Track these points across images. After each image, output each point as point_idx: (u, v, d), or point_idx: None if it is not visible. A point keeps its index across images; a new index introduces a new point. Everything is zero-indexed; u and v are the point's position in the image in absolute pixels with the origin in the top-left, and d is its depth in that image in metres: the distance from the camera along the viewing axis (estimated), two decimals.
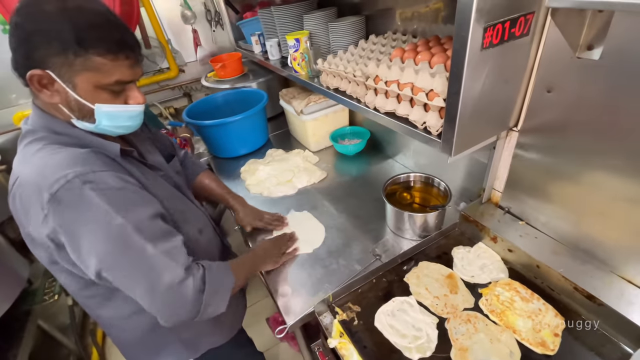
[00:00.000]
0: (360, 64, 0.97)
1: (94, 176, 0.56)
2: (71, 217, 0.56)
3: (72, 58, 0.56)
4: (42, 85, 0.58)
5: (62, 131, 0.63)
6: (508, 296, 0.78)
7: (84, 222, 0.56)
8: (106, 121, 0.64)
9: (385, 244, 0.98)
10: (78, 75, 0.58)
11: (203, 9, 2.07)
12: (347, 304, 0.84)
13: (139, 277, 0.60)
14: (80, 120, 0.63)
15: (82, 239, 0.57)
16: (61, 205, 0.54)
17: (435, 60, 0.76)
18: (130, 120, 0.68)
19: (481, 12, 0.55)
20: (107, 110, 0.62)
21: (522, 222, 0.89)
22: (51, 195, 0.54)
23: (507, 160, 0.87)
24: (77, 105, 0.60)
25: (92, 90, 0.60)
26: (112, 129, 0.66)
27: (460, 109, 0.64)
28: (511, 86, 0.73)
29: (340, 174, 1.37)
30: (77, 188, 0.55)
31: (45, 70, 0.56)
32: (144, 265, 0.60)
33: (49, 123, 0.62)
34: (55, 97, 0.60)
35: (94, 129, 0.65)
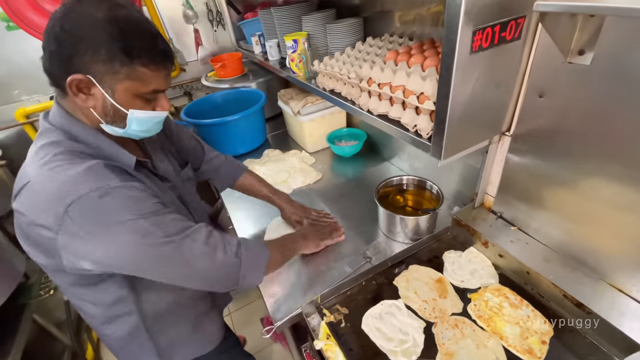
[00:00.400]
0: (355, 66, 0.97)
1: (111, 190, 0.56)
2: (82, 229, 0.55)
3: (117, 67, 0.57)
4: (80, 89, 0.58)
5: (82, 137, 0.63)
6: (497, 302, 0.78)
7: (97, 232, 0.56)
8: (135, 126, 0.65)
9: (377, 247, 0.98)
10: (119, 83, 0.59)
11: (205, 9, 2.09)
12: (335, 306, 0.84)
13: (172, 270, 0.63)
14: (109, 125, 0.64)
15: (104, 242, 0.57)
16: (73, 219, 0.54)
17: (428, 64, 0.76)
18: (156, 125, 0.70)
19: (469, 16, 0.54)
20: (138, 116, 0.64)
21: (514, 227, 0.89)
22: (65, 208, 0.54)
23: (500, 164, 0.86)
24: (112, 110, 0.61)
25: (130, 97, 0.61)
26: (138, 132, 0.67)
27: (450, 113, 0.64)
28: (503, 90, 0.72)
29: (336, 176, 1.37)
30: (92, 201, 0.55)
31: (87, 76, 0.57)
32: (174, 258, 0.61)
33: (70, 126, 0.63)
34: (89, 102, 0.60)
35: (122, 133, 0.66)
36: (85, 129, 0.64)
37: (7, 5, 1.56)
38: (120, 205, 0.57)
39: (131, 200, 0.59)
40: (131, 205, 0.58)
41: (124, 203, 0.58)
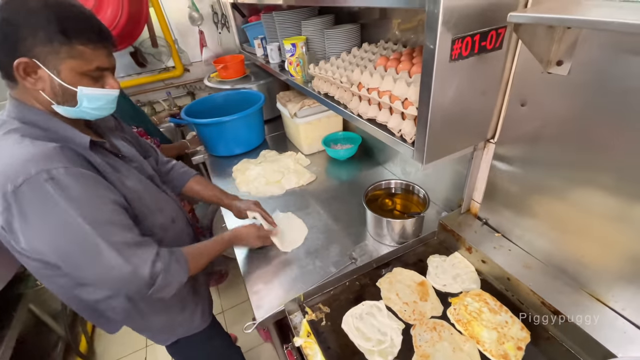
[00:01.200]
0: (347, 71, 1.00)
1: (57, 172, 0.59)
2: (30, 210, 0.59)
3: (57, 47, 0.61)
4: (27, 73, 0.62)
5: (37, 121, 0.66)
6: (477, 307, 0.79)
7: (41, 216, 0.59)
8: (86, 103, 0.68)
9: (363, 248, 0.99)
10: (62, 63, 0.63)
11: (210, 11, 2.13)
12: (318, 305, 0.85)
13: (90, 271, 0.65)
14: (61, 105, 0.67)
15: (40, 231, 0.60)
16: (24, 198, 0.58)
17: (415, 70, 0.78)
18: (108, 103, 0.72)
19: (448, 25, 0.56)
20: (87, 93, 0.67)
21: (499, 234, 0.90)
22: (15, 188, 0.57)
23: (485, 171, 0.88)
24: (61, 90, 0.65)
25: (75, 75, 0.65)
26: (91, 110, 0.70)
27: (431, 118, 0.66)
28: (486, 98, 0.74)
29: (330, 178, 1.38)
30: (39, 183, 0.58)
31: (32, 59, 0.61)
32: (97, 261, 0.64)
33: (24, 113, 0.66)
34: (38, 84, 0.64)
35: (73, 113, 0.69)
36: (38, 113, 0.67)
37: None
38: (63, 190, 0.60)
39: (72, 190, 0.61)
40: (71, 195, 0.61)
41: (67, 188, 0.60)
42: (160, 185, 0.89)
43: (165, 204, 0.86)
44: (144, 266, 0.67)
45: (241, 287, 2.08)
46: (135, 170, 0.81)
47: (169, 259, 0.72)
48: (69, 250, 0.63)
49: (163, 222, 0.83)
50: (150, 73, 2.17)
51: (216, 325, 1.08)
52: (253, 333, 1.76)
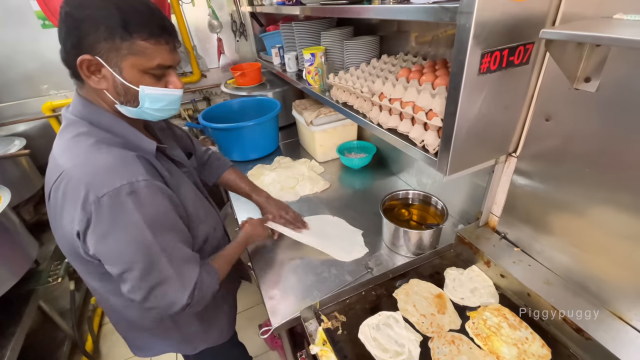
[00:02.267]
0: (368, 81, 1.01)
1: (138, 186, 0.60)
2: (108, 220, 0.59)
3: (118, 42, 0.59)
4: (91, 71, 0.61)
5: (106, 125, 0.66)
6: (496, 321, 0.77)
7: (117, 228, 0.60)
8: (148, 104, 0.66)
9: (379, 258, 0.99)
10: (124, 60, 0.61)
11: (229, 20, 2.18)
12: (334, 313, 0.84)
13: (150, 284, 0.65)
14: (124, 105, 0.66)
15: (112, 241, 0.61)
16: (103, 208, 0.58)
17: (438, 82, 0.79)
18: (170, 104, 0.70)
19: (478, 39, 0.57)
20: (149, 93, 0.65)
21: (518, 248, 0.89)
22: (97, 199, 0.58)
23: (505, 185, 0.87)
24: (123, 89, 0.64)
25: (137, 73, 0.63)
26: (153, 112, 0.69)
27: (456, 130, 0.66)
28: (510, 112, 0.74)
29: (343, 186, 1.39)
30: (121, 196, 0.59)
31: (94, 56, 0.60)
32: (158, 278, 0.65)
33: (92, 113, 0.66)
34: (102, 83, 0.63)
35: (135, 113, 0.68)
36: (107, 116, 0.67)
37: (45, 5, 1.66)
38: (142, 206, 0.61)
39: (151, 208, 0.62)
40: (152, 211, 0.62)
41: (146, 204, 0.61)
42: (203, 191, 0.88)
43: (208, 212, 0.85)
44: (190, 286, 0.68)
45: (247, 293, 2.07)
46: (185, 176, 0.80)
47: (201, 272, 0.72)
48: (134, 260, 0.63)
49: (207, 231, 0.83)
50: None
51: (235, 334, 1.07)
52: (259, 341, 1.75)
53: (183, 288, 0.67)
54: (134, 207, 0.60)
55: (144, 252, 0.63)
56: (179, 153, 0.84)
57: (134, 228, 0.61)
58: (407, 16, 0.68)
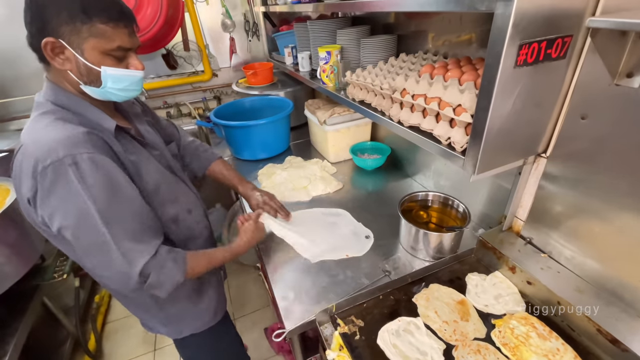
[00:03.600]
0: (388, 78, 0.98)
1: (80, 158, 0.62)
2: (52, 190, 0.62)
3: (79, 25, 0.63)
4: (55, 53, 0.65)
5: (68, 104, 0.69)
6: (524, 330, 0.73)
7: (60, 198, 0.62)
8: (111, 83, 0.69)
9: (396, 261, 0.95)
10: (85, 42, 0.64)
11: (242, 20, 2.18)
12: (350, 317, 0.80)
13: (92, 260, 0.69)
14: (87, 85, 0.69)
15: (53, 202, 0.63)
16: (46, 178, 0.61)
17: (465, 78, 0.75)
18: (132, 85, 0.73)
19: (517, 29, 0.54)
20: (111, 73, 0.69)
21: (545, 254, 0.85)
22: (43, 168, 0.60)
23: (533, 187, 0.84)
24: (86, 70, 0.67)
25: (98, 55, 0.66)
26: (117, 92, 0.71)
27: (488, 126, 0.63)
28: (543, 109, 0.71)
29: (356, 188, 1.35)
30: (63, 167, 0.60)
31: (58, 39, 0.63)
32: (100, 254, 0.67)
33: (57, 95, 0.69)
34: (66, 64, 0.66)
35: (100, 93, 0.70)
36: (69, 96, 0.70)
37: None
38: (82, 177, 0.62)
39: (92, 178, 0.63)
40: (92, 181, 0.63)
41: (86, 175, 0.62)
42: (180, 174, 0.90)
43: (181, 194, 0.87)
44: (137, 263, 0.68)
45: (252, 296, 2.03)
46: (154, 158, 0.81)
47: (165, 257, 0.72)
48: (78, 235, 0.65)
49: (176, 213, 0.83)
50: (180, 76, 2.21)
51: (227, 327, 1.07)
52: (264, 345, 1.71)
53: (128, 264, 0.67)
54: (76, 178, 0.61)
55: (87, 227, 0.64)
56: (151, 136, 0.86)
57: (73, 195, 0.62)
58: (444, 7, 0.65)
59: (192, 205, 0.90)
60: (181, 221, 0.85)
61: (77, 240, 0.66)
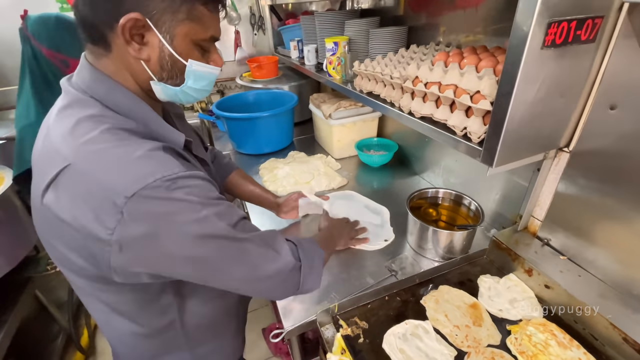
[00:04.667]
0: (398, 68, 0.93)
1: (177, 178, 0.46)
2: (158, 219, 0.45)
3: (177, 4, 0.49)
4: (132, 35, 0.48)
5: (124, 107, 0.52)
6: (542, 338, 0.67)
7: (171, 220, 0.46)
8: (192, 82, 0.56)
9: (403, 261, 0.90)
10: (179, 26, 0.50)
11: (248, 13, 2.14)
12: (354, 319, 0.75)
13: (234, 270, 0.53)
14: (163, 82, 0.55)
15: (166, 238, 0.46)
16: (138, 209, 0.44)
17: (483, 65, 0.70)
18: (209, 85, 0.60)
19: (547, 4, 0.49)
20: (196, 69, 0.55)
21: (564, 257, 0.79)
22: (126, 199, 0.43)
23: (553, 185, 0.78)
24: (170, 63, 0.53)
25: (188, 45, 0.53)
26: (192, 92, 0.59)
27: (510, 114, 0.58)
28: (568, 98, 0.65)
29: (360, 185, 1.30)
30: (162, 190, 0.45)
31: (144, 17, 0.47)
32: (241, 257, 0.53)
33: (109, 91, 0.52)
34: (143, 52, 0.51)
35: (172, 94, 0.57)
36: (128, 96, 0.53)
37: None
38: (188, 198, 0.47)
39: (198, 193, 0.49)
40: (197, 199, 0.48)
41: (191, 196, 0.47)
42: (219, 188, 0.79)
43: None
44: (282, 246, 0.59)
45: None
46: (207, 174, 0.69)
47: (290, 238, 0.65)
48: (206, 258, 0.50)
49: None
50: None
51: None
52: (261, 346, 1.65)
53: (276, 252, 0.58)
54: (180, 195, 0.46)
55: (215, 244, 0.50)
56: (200, 149, 0.71)
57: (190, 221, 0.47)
58: None
59: None
60: None
61: (203, 268, 0.50)
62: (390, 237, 0.98)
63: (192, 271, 0.51)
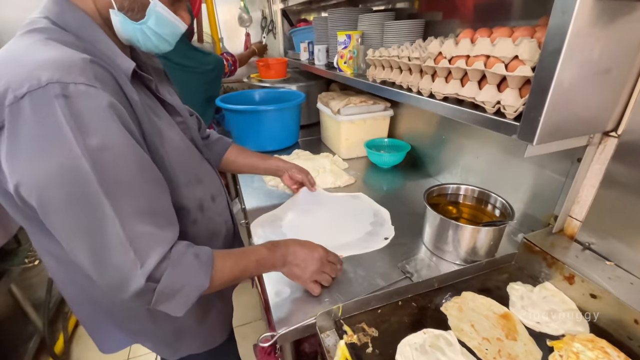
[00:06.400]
0: (417, 51, 0.86)
1: (74, 89, 0.43)
2: (25, 132, 0.42)
3: None
4: None
5: (75, 26, 0.51)
6: (592, 357, 0.55)
7: (37, 143, 0.42)
8: (153, 23, 0.55)
9: (419, 262, 0.78)
10: None
11: (260, 16, 2.14)
12: (361, 325, 0.63)
13: (79, 239, 0.45)
14: (122, 14, 0.53)
15: (24, 160, 0.43)
16: (20, 112, 0.41)
17: (518, 35, 0.62)
18: (171, 36, 0.60)
19: None
20: (160, 11, 0.55)
21: (610, 262, 0.67)
22: (15, 98, 0.41)
23: (596, 178, 0.68)
24: None
25: None
26: (152, 35, 0.57)
27: (557, 76, 0.49)
28: (621, 68, 0.56)
29: (369, 186, 1.19)
30: (46, 98, 0.41)
31: None
32: (88, 237, 0.45)
33: (64, 11, 0.51)
34: None
35: (130, 30, 0.55)
36: (81, 16, 0.52)
37: None
38: (74, 114, 0.43)
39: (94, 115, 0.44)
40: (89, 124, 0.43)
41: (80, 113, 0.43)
42: (204, 152, 0.73)
43: (206, 176, 0.70)
44: (148, 256, 0.46)
45: (244, 306, 1.83)
46: (178, 125, 0.65)
47: (184, 251, 0.51)
48: (56, 199, 0.44)
49: (201, 197, 0.67)
50: None
51: (231, 349, 0.86)
52: (249, 356, 1.49)
53: (134, 256, 0.45)
54: (64, 116, 0.42)
55: (73, 187, 0.43)
56: (175, 100, 0.69)
57: (57, 140, 0.42)
58: None
59: (216, 191, 0.72)
60: (205, 209, 0.67)
61: (54, 211, 0.44)
62: (390, 235, 0.88)
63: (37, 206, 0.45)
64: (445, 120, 1.14)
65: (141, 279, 0.46)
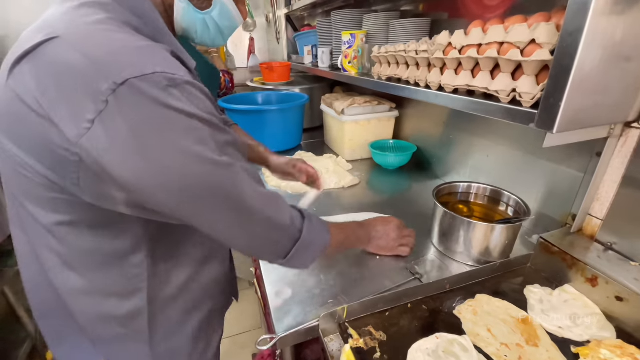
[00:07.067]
0: (424, 45, 0.83)
1: (181, 81, 0.38)
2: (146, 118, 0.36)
3: None
4: None
5: (140, 9, 0.45)
6: None
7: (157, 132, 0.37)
8: (217, 14, 0.55)
9: (429, 263, 0.74)
10: None
11: (264, 21, 2.14)
12: (368, 328, 0.58)
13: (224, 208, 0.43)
14: (188, 0, 0.51)
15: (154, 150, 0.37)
16: (125, 100, 0.35)
17: (533, 21, 0.59)
18: (229, 29, 0.60)
19: None
20: (225, 2, 0.55)
21: (635, 263, 0.62)
22: (116, 85, 0.34)
23: (618, 173, 0.64)
24: None
25: None
26: (212, 26, 0.56)
27: (580, 56, 0.45)
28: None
29: (373, 188, 1.16)
30: (158, 87, 0.36)
31: None
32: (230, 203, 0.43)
33: None
34: None
35: (191, 19, 0.53)
36: (147, 2, 0.46)
37: None
38: (186, 104, 0.38)
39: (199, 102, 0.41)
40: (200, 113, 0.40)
41: (191, 102, 0.39)
42: None
43: None
44: (285, 210, 0.51)
45: (243, 314, 1.77)
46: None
47: (307, 212, 0.56)
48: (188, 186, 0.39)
49: None
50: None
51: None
52: None
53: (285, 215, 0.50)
54: (181, 100, 0.37)
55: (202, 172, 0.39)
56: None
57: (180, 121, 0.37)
58: None
59: None
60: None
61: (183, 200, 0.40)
62: None
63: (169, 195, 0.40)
64: (452, 119, 1.11)
65: (295, 227, 0.51)
